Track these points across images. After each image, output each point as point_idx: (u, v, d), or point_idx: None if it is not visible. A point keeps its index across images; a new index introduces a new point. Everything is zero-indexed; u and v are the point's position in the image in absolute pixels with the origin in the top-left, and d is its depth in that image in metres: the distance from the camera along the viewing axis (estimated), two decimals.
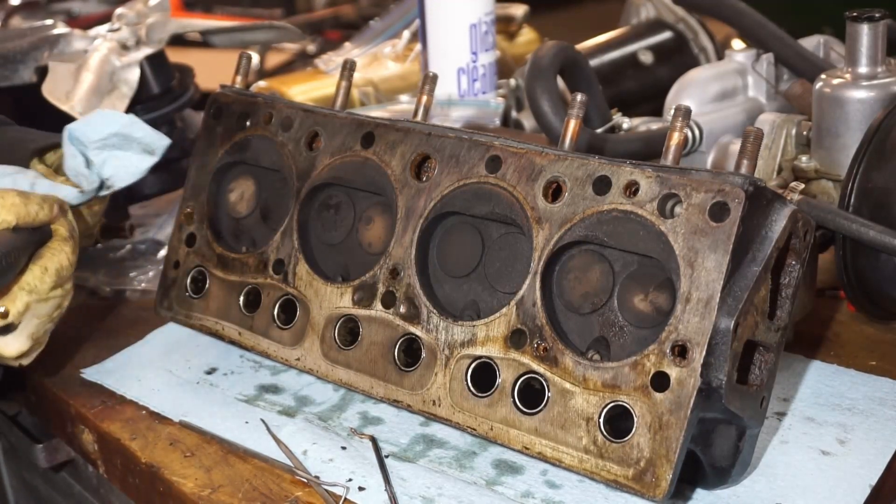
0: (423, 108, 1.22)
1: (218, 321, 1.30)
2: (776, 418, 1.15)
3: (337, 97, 1.30)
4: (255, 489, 1.08)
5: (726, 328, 0.93)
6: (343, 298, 1.18)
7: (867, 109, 1.34)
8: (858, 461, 1.07)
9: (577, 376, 1.00)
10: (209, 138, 1.35)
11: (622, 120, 1.63)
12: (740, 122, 1.59)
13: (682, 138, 1.02)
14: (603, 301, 1.04)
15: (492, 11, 1.78)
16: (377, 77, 1.93)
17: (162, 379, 1.30)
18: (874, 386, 1.21)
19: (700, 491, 1.05)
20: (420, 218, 1.14)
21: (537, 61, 1.51)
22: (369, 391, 1.15)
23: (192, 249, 1.34)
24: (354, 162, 1.21)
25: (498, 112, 1.74)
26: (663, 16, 1.94)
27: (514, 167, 1.09)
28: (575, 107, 1.08)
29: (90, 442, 1.26)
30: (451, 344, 1.09)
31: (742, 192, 0.94)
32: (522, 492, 1.05)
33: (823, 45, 1.66)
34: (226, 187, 1.35)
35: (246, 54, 1.39)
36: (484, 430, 1.06)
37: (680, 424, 0.94)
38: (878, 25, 1.35)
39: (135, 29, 1.70)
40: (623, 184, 1.01)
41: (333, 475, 1.09)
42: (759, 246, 0.97)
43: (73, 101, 1.57)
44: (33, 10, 2.85)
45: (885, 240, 1.16)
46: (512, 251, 1.10)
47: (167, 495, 1.12)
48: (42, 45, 1.68)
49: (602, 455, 0.98)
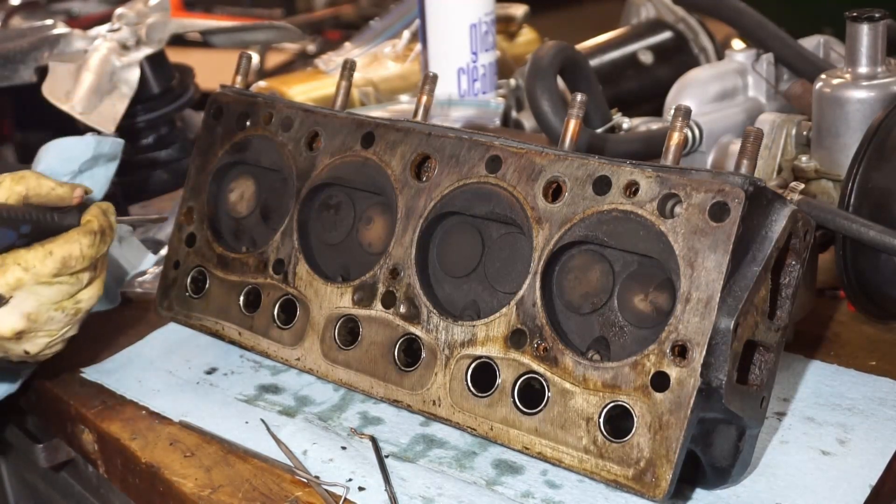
0: (423, 108, 1.22)
1: (218, 321, 1.30)
2: (776, 418, 1.15)
3: (337, 97, 1.30)
4: (255, 489, 1.08)
5: (726, 328, 0.94)
6: (343, 298, 1.18)
7: (867, 109, 1.34)
8: (858, 461, 1.07)
9: (577, 376, 1.00)
10: (209, 138, 1.35)
11: (622, 120, 1.63)
12: (740, 122, 1.59)
13: (682, 138, 1.02)
14: (603, 301, 1.04)
15: (492, 11, 1.78)
16: (377, 77, 1.93)
17: (162, 379, 1.30)
18: (874, 386, 1.21)
19: (700, 491, 1.05)
20: (420, 218, 1.14)
21: (537, 61, 1.51)
22: (369, 391, 1.15)
23: (193, 249, 1.34)
24: (354, 162, 1.21)
25: (498, 112, 1.74)
26: (663, 16, 1.94)
27: (514, 167, 1.09)
28: (575, 107, 1.08)
29: (90, 442, 1.26)
30: (451, 344, 1.09)
31: (742, 192, 0.94)
32: (522, 492, 1.05)
33: (823, 45, 1.66)
34: (226, 187, 1.35)
35: (246, 54, 1.39)
36: (484, 430, 1.06)
37: (680, 424, 0.94)
38: (878, 25, 1.35)
39: (135, 29, 1.70)
40: (623, 184, 1.01)
41: (333, 475, 1.09)
42: (759, 246, 0.97)
43: (73, 100, 1.57)
44: (33, 10, 2.85)
45: (885, 240, 1.16)
46: (512, 251, 1.10)
47: (167, 495, 1.13)
48: (42, 45, 1.68)
49: (602, 455, 0.98)
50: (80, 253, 1.07)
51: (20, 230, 1.04)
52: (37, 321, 1.08)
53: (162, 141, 1.78)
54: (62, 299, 1.09)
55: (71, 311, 1.11)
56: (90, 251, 1.08)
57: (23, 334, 1.08)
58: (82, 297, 1.11)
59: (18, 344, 1.09)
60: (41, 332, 1.10)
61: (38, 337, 1.10)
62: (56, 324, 1.10)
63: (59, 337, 1.12)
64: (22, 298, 1.05)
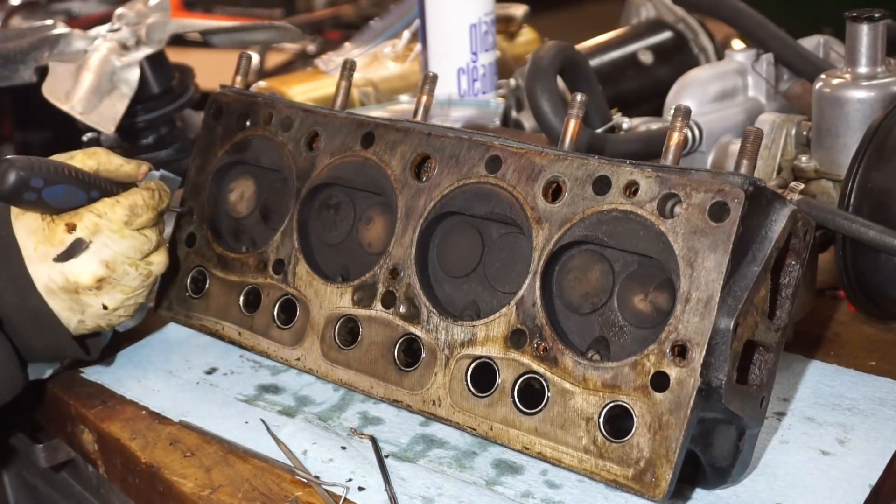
0: (423, 108, 1.22)
1: (218, 321, 1.30)
2: (776, 418, 1.15)
3: (337, 97, 1.30)
4: (255, 489, 1.08)
5: (726, 328, 0.94)
6: (343, 298, 1.18)
7: (867, 109, 1.34)
8: (858, 461, 1.07)
9: (577, 376, 1.00)
10: (209, 138, 1.35)
11: (622, 120, 1.63)
12: (740, 122, 1.59)
13: (682, 138, 1.02)
14: (603, 301, 1.04)
15: (492, 11, 1.78)
16: (377, 77, 1.93)
17: (162, 379, 1.30)
18: (874, 386, 1.21)
19: (700, 491, 1.05)
20: (420, 218, 1.14)
21: (537, 61, 1.51)
22: (369, 391, 1.15)
23: (192, 249, 1.34)
24: (354, 162, 1.21)
25: (498, 112, 1.74)
26: (663, 16, 1.94)
27: (514, 167, 1.09)
28: (575, 107, 1.08)
29: (90, 442, 1.26)
30: (451, 344, 1.09)
31: (742, 192, 0.94)
32: (522, 492, 1.05)
33: (823, 45, 1.66)
34: (226, 187, 1.35)
35: (246, 54, 1.39)
36: (484, 430, 1.06)
37: (680, 424, 0.94)
38: (878, 25, 1.35)
39: (135, 29, 1.70)
40: (623, 184, 1.01)
41: (333, 475, 1.09)
42: (758, 246, 0.97)
43: (73, 101, 1.57)
44: (33, 10, 2.85)
45: (885, 240, 1.16)
46: (512, 251, 1.10)
47: (167, 495, 1.12)
48: (42, 45, 1.68)
49: (602, 455, 0.98)
50: (142, 202, 1.18)
51: (91, 194, 1.17)
52: (114, 271, 1.17)
53: (162, 141, 1.78)
54: (135, 255, 1.18)
55: (144, 271, 1.20)
56: (151, 202, 1.19)
57: (102, 283, 1.16)
58: (153, 261, 1.21)
59: (98, 296, 1.17)
60: (118, 287, 1.18)
61: (116, 291, 1.18)
62: (131, 280, 1.19)
63: (133, 296, 1.20)
64: (100, 245, 1.16)
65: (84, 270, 1.15)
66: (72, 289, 1.16)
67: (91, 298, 1.17)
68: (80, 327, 1.20)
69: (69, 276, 1.15)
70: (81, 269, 1.15)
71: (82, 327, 1.20)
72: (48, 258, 1.15)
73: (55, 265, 1.15)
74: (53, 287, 1.16)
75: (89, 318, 1.19)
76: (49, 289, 1.16)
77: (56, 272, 1.15)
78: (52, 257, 1.15)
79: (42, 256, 1.15)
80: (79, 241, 1.15)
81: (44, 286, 1.16)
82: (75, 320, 1.19)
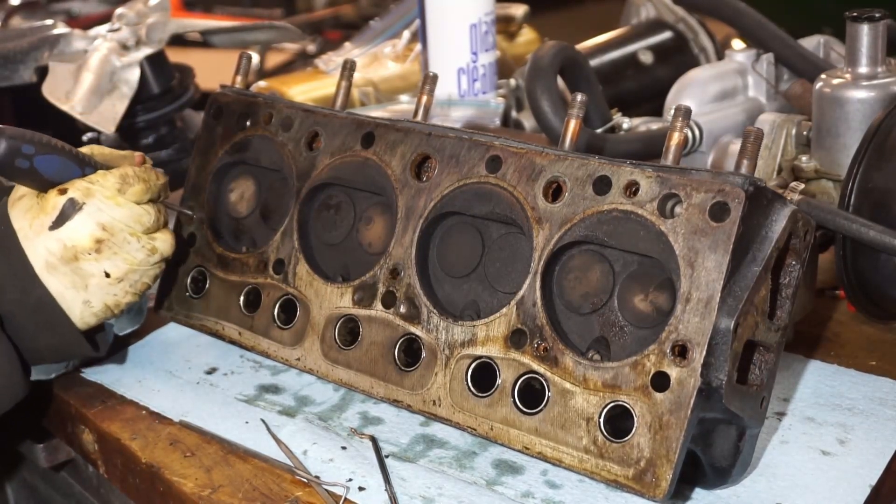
0: (423, 108, 1.22)
1: (218, 321, 1.30)
2: (776, 418, 1.15)
3: (337, 97, 1.30)
4: (255, 489, 1.08)
5: (726, 328, 0.93)
6: (343, 298, 1.18)
7: (867, 109, 1.34)
8: (858, 461, 1.07)
9: (578, 376, 1.00)
10: (209, 138, 1.35)
11: (622, 120, 1.63)
12: (740, 122, 1.59)
13: (682, 138, 1.02)
14: (603, 301, 1.04)
15: (492, 11, 1.78)
16: (377, 77, 1.93)
17: (162, 379, 1.30)
18: (874, 386, 1.21)
19: (700, 491, 1.05)
20: (420, 218, 1.14)
21: (537, 61, 1.51)
22: (369, 391, 1.15)
23: (192, 249, 1.34)
24: (354, 162, 1.21)
25: (498, 112, 1.74)
26: (663, 16, 1.94)
27: (514, 167, 1.09)
28: (575, 107, 1.08)
29: (90, 442, 1.26)
30: (452, 344, 1.09)
31: (742, 192, 0.94)
32: (522, 492, 1.05)
33: (823, 45, 1.66)
34: (226, 187, 1.35)
35: (246, 54, 1.39)
36: (484, 430, 1.06)
37: (680, 424, 0.94)
38: (878, 25, 1.35)
39: (135, 29, 1.70)
40: (623, 184, 1.01)
41: (333, 475, 1.09)
42: (759, 246, 0.97)
43: (73, 101, 1.57)
44: (33, 10, 2.85)
45: (885, 240, 1.16)
46: (512, 251, 1.10)
47: (167, 495, 1.12)
48: (42, 45, 1.68)
49: (602, 455, 0.98)
50: (133, 173, 1.18)
51: (84, 170, 1.17)
52: (113, 235, 1.16)
53: (162, 141, 1.78)
54: (134, 225, 1.17)
55: (147, 245, 1.18)
56: (143, 174, 1.19)
57: (101, 245, 1.15)
58: (157, 237, 1.19)
59: (98, 261, 1.15)
60: (119, 254, 1.16)
61: (117, 258, 1.16)
62: (133, 251, 1.17)
63: (138, 269, 1.18)
64: (94, 209, 1.15)
65: (80, 231, 1.14)
66: (70, 255, 1.14)
67: (91, 265, 1.15)
68: (87, 311, 1.17)
69: (66, 241, 1.14)
70: (77, 230, 1.14)
71: (88, 311, 1.17)
72: (44, 229, 1.14)
73: (51, 234, 1.14)
74: (53, 260, 1.14)
75: (94, 293, 1.17)
76: (49, 264, 1.14)
77: (53, 241, 1.14)
78: (48, 226, 1.14)
79: (38, 230, 1.14)
80: (71, 202, 1.14)
81: (44, 264, 1.14)
82: (80, 301, 1.16)
